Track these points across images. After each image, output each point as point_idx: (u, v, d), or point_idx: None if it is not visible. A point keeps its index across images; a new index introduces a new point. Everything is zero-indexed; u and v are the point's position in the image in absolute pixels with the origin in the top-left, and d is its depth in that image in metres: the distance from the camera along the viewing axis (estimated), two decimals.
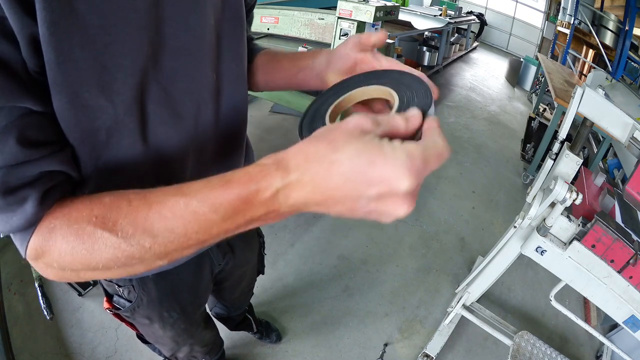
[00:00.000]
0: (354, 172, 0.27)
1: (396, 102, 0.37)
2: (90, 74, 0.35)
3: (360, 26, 2.26)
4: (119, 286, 0.65)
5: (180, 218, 0.31)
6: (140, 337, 0.83)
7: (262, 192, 0.29)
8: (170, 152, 0.47)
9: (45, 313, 1.47)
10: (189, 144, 0.49)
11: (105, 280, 0.65)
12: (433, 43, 5.24)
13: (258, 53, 0.66)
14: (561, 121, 1.24)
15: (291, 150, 0.30)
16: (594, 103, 1.04)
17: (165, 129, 0.45)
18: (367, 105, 0.46)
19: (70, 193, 0.37)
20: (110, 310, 0.69)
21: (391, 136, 0.30)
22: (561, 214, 1.08)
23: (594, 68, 4.01)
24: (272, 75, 0.63)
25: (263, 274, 1.13)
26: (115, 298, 0.69)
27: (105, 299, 0.70)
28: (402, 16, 3.91)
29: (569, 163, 1.12)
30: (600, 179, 1.29)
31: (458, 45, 6.16)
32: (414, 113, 0.32)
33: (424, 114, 0.34)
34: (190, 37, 0.44)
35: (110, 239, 0.31)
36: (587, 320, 1.87)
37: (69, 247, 0.32)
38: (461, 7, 5.73)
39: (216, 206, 0.30)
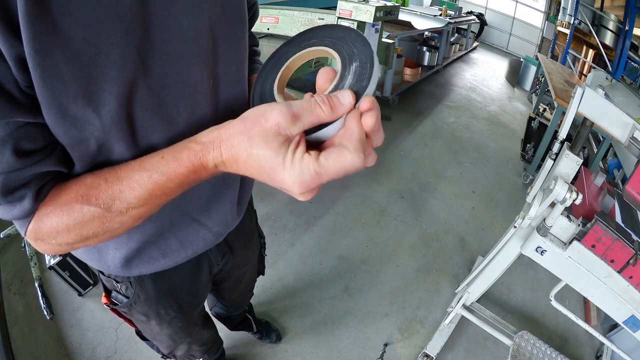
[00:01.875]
0: (261, 171, 0.36)
1: (337, 77, 0.39)
2: (76, 87, 0.35)
3: (361, 26, 2.26)
4: (117, 282, 0.65)
5: (145, 188, 0.39)
6: (139, 333, 0.84)
7: (206, 165, 0.38)
8: None
9: (45, 313, 1.48)
10: None
11: (104, 275, 0.66)
12: (433, 43, 5.23)
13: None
14: (561, 121, 1.24)
15: (225, 132, 0.37)
16: (594, 103, 1.04)
17: (157, 135, 0.45)
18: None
19: (61, 182, 0.42)
20: (108, 306, 0.70)
21: (313, 126, 0.36)
22: (561, 214, 1.07)
23: (594, 68, 4.01)
24: None
25: (263, 274, 1.13)
26: (114, 294, 0.69)
27: (103, 294, 0.70)
28: (402, 16, 3.92)
29: (569, 163, 1.12)
30: (600, 179, 1.29)
31: (458, 45, 6.16)
32: (344, 101, 0.36)
33: (358, 95, 0.36)
34: (183, 41, 0.43)
35: (97, 211, 0.39)
36: (587, 320, 1.87)
37: (64, 224, 0.39)
38: (461, 7, 5.73)
39: (172, 177, 0.39)
